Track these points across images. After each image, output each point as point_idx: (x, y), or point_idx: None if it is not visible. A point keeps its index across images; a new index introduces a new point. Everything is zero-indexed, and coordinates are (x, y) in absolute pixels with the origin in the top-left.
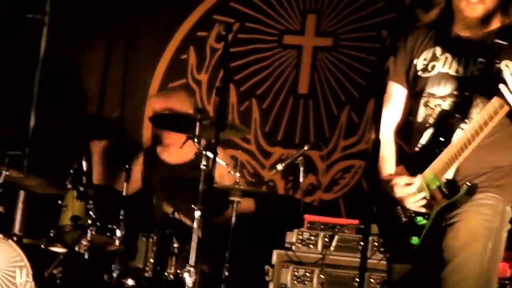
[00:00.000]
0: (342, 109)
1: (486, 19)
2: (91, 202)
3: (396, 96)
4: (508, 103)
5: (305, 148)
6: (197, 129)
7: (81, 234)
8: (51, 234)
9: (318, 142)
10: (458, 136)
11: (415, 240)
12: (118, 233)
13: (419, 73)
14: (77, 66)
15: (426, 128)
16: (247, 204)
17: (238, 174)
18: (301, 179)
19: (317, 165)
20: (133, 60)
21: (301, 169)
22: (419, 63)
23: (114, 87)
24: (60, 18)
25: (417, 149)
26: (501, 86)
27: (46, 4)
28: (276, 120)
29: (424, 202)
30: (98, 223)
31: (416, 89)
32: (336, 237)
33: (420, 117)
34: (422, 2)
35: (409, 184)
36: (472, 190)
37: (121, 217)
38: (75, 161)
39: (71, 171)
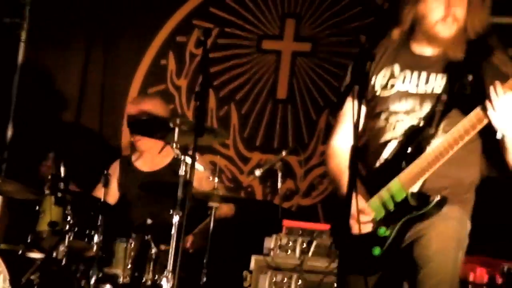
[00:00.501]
0: (321, 114)
1: (457, 38)
2: (69, 207)
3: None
4: (488, 119)
5: (284, 153)
6: (176, 135)
7: (58, 239)
8: (29, 240)
9: (296, 147)
10: (431, 148)
11: (377, 250)
12: (96, 238)
13: (378, 91)
14: (56, 71)
15: (387, 143)
16: (227, 210)
17: (216, 180)
18: (279, 185)
19: (295, 171)
20: (112, 65)
21: (279, 174)
22: (378, 80)
23: (93, 93)
24: (39, 23)
25: (378, 164)
26: (487, 104)
27: (25, 8)
28: (254, 125)
29: (369, 228)
30: (76, 229)
31: (375, 108)
32: (314, 243)
33: (380, 133)
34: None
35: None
36: (442, 203)
37: (99, 222)
38: (52, 166)
39: (49, 176)
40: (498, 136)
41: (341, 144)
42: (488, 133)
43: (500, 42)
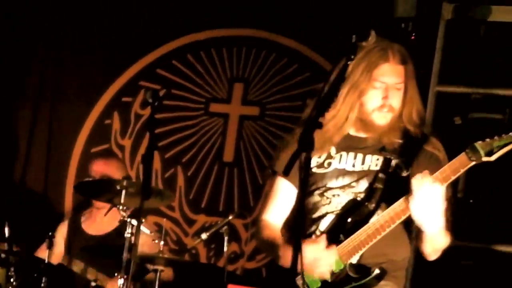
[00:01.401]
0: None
1: (391, 126)
2: (12, 269)
3: (285, 194)
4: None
5: (230, 217)
6: (123, 197)
7: None
8: None
9: (243, 212)
10: (371, 222)
11: None
12: None
13: (314, 169)
14: (2, 128)
15: (322, 217)
16: (166, 273)
17: (162, 243)
18: (225, 248)
19: (240, 234)
20: (58, 124)
21: (226, 238)
22: (314, 160)
23: (38, 152)
24: None
25: (314, 237)
26: (410, 197)
27: None
28: (200, 188)
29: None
30: None
31: (311, 185)
32: None
33: (315, 208)
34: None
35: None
36: (381, 275)
37: (43, 284)
38: None
39: None
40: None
41: (273, 219)
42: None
43: (434, 130)
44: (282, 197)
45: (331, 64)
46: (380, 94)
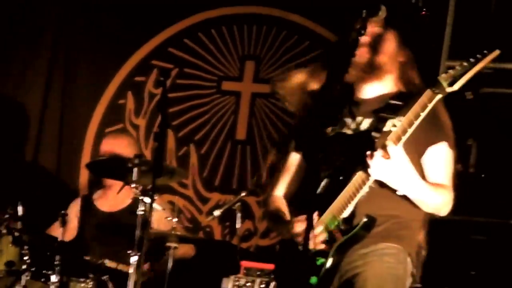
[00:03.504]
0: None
1: (370, 64)
2: (26, 247)
3: (298, 168)
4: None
5: (243, 194)
6: (135, 175)
7: (15, 279)
8: None
9: (255, 189)
10: (357, 175)
11: (314, 279)
12: (53, 278)
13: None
14: (13, 108)
15: (322, 180)
16: (186, 250)
17: (175, 220)
18: (238, 225)
19: (254, 211)
20: (70, 105)
21: (239, 215)
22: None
23: (51, 132)
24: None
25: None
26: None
27: None
28: (214, 166)
29: (324, 236)
30: (33, 269)
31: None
32: (272, 284)
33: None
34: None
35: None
36: (369, 224)
37: (56, 262)
38: (10, 206)
39: (6, 216)
40: None
41: (282, 194)
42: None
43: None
44: (293, 172)
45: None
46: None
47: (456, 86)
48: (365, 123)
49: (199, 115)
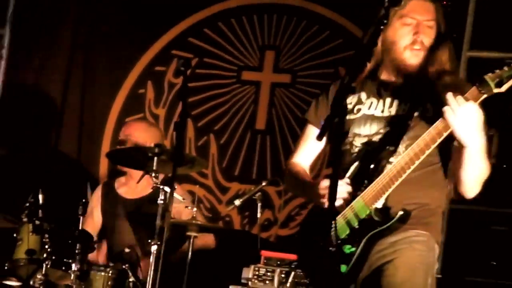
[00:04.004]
0: None
1: (423, 65)
2: (46, 235)
3: (314, 141)
4: (449, 126)
5: (263, 184)
6: (155, 164)
7: (36, 268)
8: (6, 268)
9: (276, 179)
10: (392, 165)
11: (343, 268)
12: (74, 267)
13: None
14: (34, 98)
15: (351, 164)
16: (206, 241)
17: (195, 209)
18: (258, 215)
19: (273, 201)
20: (91, 94)
21: (259, 204)
22: (346, 105)
23: (71, 121)
24: (19, 50)
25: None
26: (446, 108)
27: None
28: (233, 156)
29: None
30: (53, 257)
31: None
32: (292, 274)
33: (344, 156)
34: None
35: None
36: (405, 217)
37: (77, 251)
38: (31, 194)
39: (27, 204)
40: (456, 144)
41: (301, 161)
42: (446, 154)
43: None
44: (309, 144)
45: (363, 30)
46: (411, 30)
47: (503, 88)
48: (395, 105)
49: (219, 105)
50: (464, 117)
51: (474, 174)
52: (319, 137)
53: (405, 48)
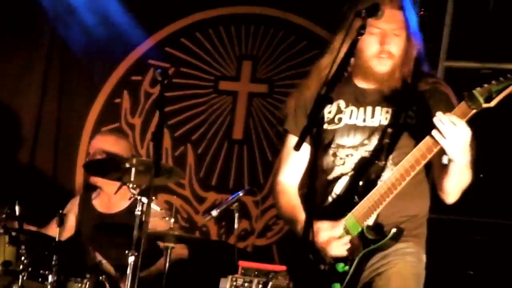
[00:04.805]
0: (276, 154)
1: (392, 73)
2: (23, 247)
3: (299, 152)
4: (438, 146)
5: (240, 194)
6: (132, 175)
7: (12, 279)
8: None
9: (253, 188)
10: (382, 181)
11: (337, 286)
12: (50, 278)
13: (325, 125)
14: (10, 109)
15: (338, 179)
16: (179, 251)
17: (172, 220)
18: (236, 225)
19: (250, 211)
20: (66, 104)
21: (236, 215)
22: (324, 115)
23: (47, 131)
24: None
25: (330, 199)
26: (434, 132)
27: None
28: (210, 165)
29: (349, 246)
30: (29, 269)
31: (323, 142)
32: (270, 284)
33: (329, 169)
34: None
35: (333, 228)
36: (398, 235)
37: (53, 262)
38: (7, 206)
39: (3, 215)
40: (444, 161)
41: (289, 181)
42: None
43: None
44: (296, 156)
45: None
46: (377, 40)
47: (493, 103)
48: (377, 115)
49: (196, 115)
50: (453, 137)
51: (458, 184)
52: (297, 147)
53: (372, 57)
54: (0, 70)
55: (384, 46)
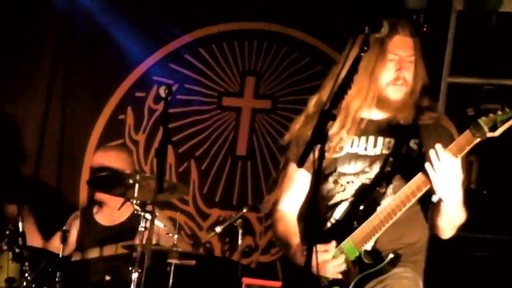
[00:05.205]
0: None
1: (405, 101)
2: (26, 264)
3: (299, 181)
4: (430, 182)
5: (244, 210)
6: (136, 191)
7: None
8: None
9: (256, 205)
10: (382, 207)
11: None
12: None
13: (326, 154)
14: (14, 124)
15: (337, 204)
16: (186, 246)
17: (176, 236)
18: (239, 241)
19: (254, 227)
20: (71, 120)
21: (240, 231)
22: (326, 144)
23: (51, 147)
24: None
25: (329, 224)
26: (427, 165)
27: None
28: (214, 182)
29: (343, 267)
30: (33, 285)
31: (324, 170)
32: None
33: (330, 195)
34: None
35: (326, 251)
36: (395, 260)
37: (57, 279)
38: (10, 223)
39: (7, 232)
40: (434, 199)
41: (288, 209)
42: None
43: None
44: (297, 185)
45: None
46: (394, 66)
47: (497, 132)
48: (379, 144)
49: (200, 131)
50: (444, 174)
51: (450, 223)
52: (300, 164)
53: (387, 84)
54: (4, 85)
55: (400, 72)
